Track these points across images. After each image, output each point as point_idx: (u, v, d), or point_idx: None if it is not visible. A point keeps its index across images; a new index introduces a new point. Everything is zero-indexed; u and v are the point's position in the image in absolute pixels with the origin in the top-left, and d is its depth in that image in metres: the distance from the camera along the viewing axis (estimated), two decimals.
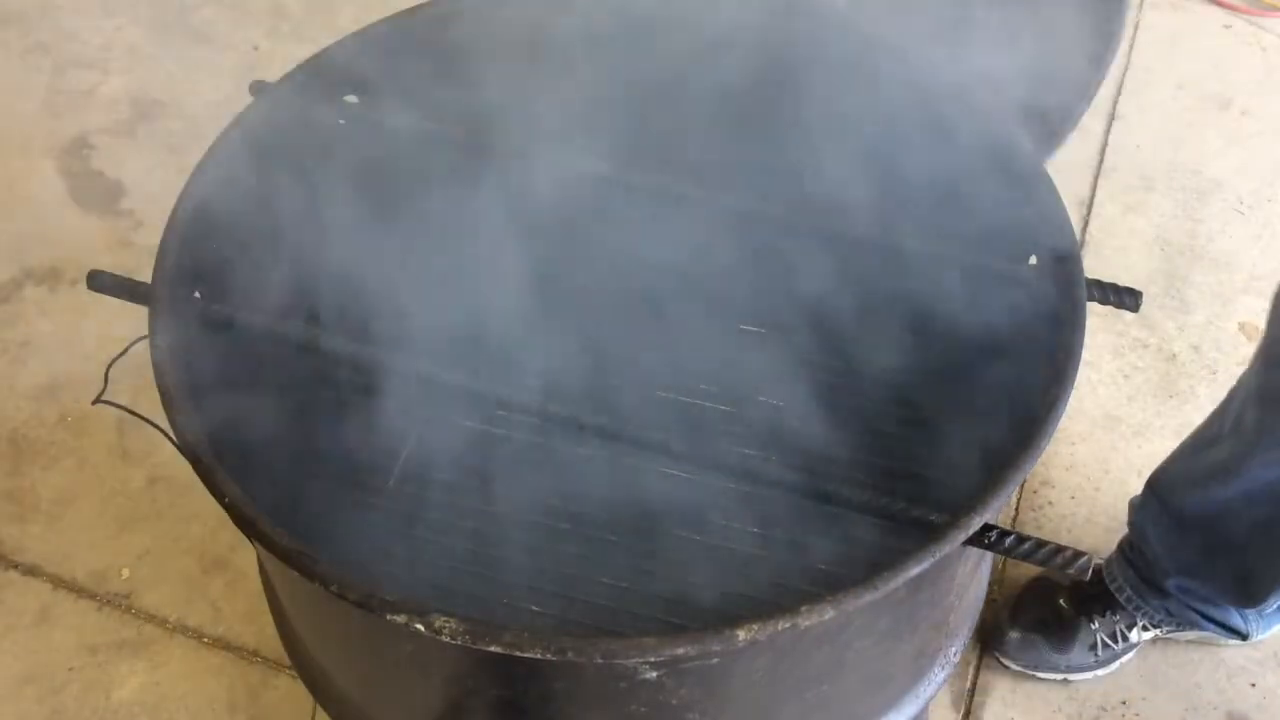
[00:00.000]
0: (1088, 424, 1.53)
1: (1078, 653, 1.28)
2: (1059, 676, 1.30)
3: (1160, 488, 1.19)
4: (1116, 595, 1.27)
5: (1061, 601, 1.30)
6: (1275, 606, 1.23)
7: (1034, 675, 1.30)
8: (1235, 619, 1.23)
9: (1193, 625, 1.26)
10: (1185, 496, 1.14)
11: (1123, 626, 1.27)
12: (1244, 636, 1.25)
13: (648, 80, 1.04)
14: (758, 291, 1.14)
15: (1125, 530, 1.30)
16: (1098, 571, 1.30)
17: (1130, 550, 1.25)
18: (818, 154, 0.99)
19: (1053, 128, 1.00)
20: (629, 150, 1.06)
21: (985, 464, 0.77)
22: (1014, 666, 1.30)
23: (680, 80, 1.03)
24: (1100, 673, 1.30)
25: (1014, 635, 1.29)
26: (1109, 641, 1.27)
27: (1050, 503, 1.46)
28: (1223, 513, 1.10)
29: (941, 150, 0.93)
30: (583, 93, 1.06)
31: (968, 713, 1.31)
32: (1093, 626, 1.27)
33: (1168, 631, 1.28)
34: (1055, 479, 1.48)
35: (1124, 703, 1.30)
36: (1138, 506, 1.23)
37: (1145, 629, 1.27)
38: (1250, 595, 1.19)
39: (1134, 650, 1.30)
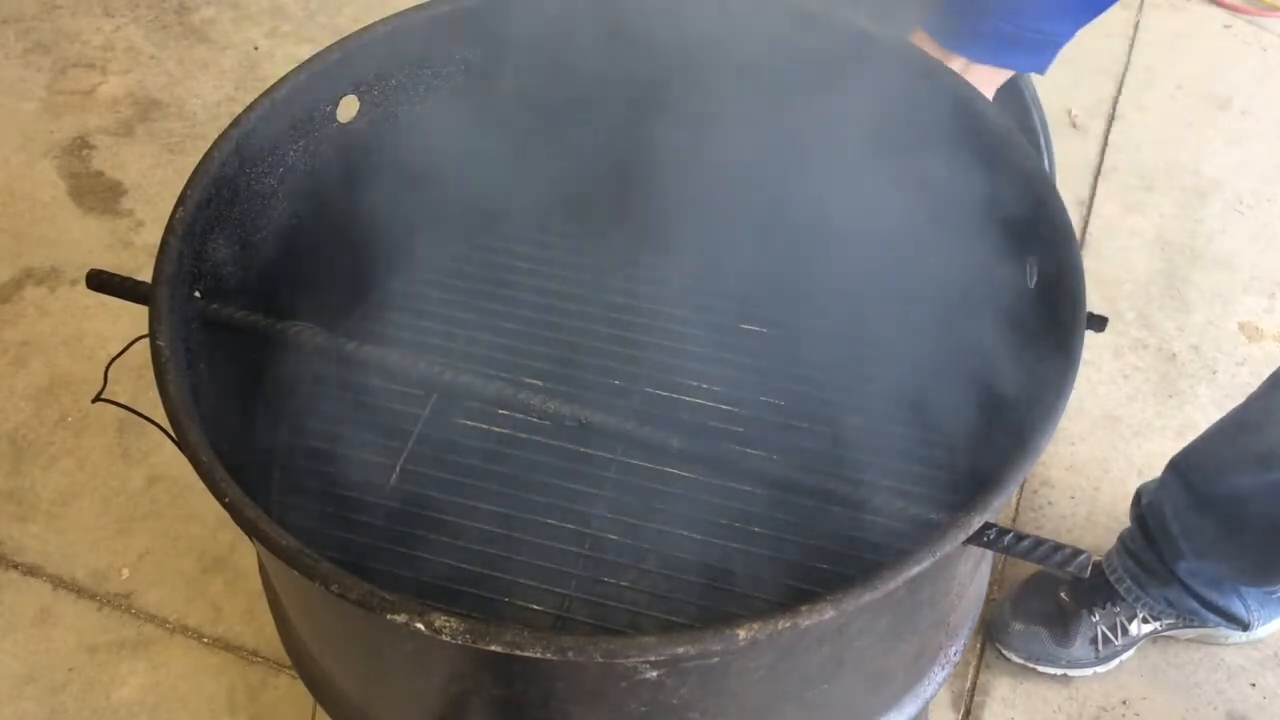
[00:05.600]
0: (1088, 424, 1.53)
1: (1079, 646, 1.28)
2: (1059, 671, 1.30)
3: (1185, 468, 1.19)
4: (1116, 586, 1.27)
5: (1062, 594, 1.30)
6: (1278, 596, 1.24)
7: (1034, 669, 1.30)
8: (1238, 606, 1.23)
9: (1193, 615, 1.26)
10: (1217, 479, 1.14)
11: (1123, 619, 1.27)
12: (1245, 626, 1.25)
13: (648, 77, 1.05)
14: (759, 290, 1.14)
15: (1125, 528, 1.30)
16: (1098, 566, 1.30)
17: (1131, 540, 1.26)
18: (818, 154, 0.99)
19: None
20: (631, 127, 1.06)
21: (985, 463, 0.77)
22: (1015, 658, 1.30)
23: (684, 68, 1.04)
24: (1100, 670, 1.30)
25: (1017, 626, 1.29)
26: (1109, 635, 1.27)
27: (1050, 503, 1.46)
28: (1256, 496, 1.10)
29: (944, 151, 0.93)
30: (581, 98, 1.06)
31: (968, 713, 1.31)
32: (1093, 619, 1.27)
33: (1167, 626, 1.28)
34: (1055, 479, 1.48)
35: (1124, 702, 1.30)
36: (1155, 488, 1.24)
37: (1145, 621, 1.27)
38: (1268, 576, 1.19)
39: (1134, 648, 1.30)
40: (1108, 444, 1.51)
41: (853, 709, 0.89)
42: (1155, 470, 1.26)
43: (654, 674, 0.69)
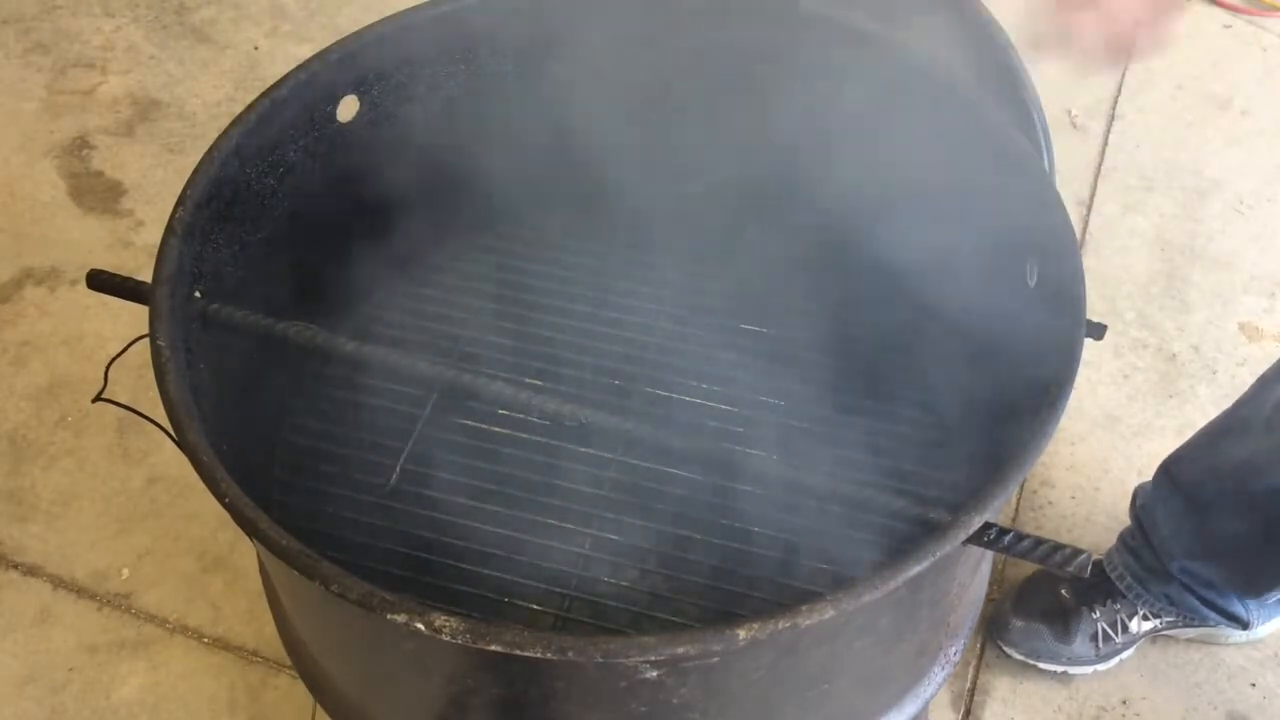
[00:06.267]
0: (1088, 424, 1.53)
1: (1079, 643, 1.28)
2: (1059, 668, 1.30)
3: (1176, 472, 1.19)
4: (1117, 583, 1.27)
5: (1063, 592, 1.30)
6: (1277, 599, 1.24)
7: (1035, 665, 1.30)
8: (1236, 606, 1.23)
9: (1193, 613, 1.26)
10: (1203, 484, 1.14)
11: (1123, 616, 1.27)
12: (1244, 625, 1.25)
13: (651, 78, 1.05)
14: (759, 291, 1.14)
15: (1125, 526, 1.30)
16: (1098, 564, 1.30)
17: (1132, 538, 1.26)
18: (816, 155, 0.99)
19: None
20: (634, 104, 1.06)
21: (985, 463, 0.77)
22: (1016, 655, 1.30)
23: (686, 70, 1.04)
24: (1100, 668, 1.30)
25: (1017, 623, 1.29)
26: (1110, 632, 1.27)
27: (1050, 502, 1.46)
28: (1239, 504, 1.10)
29: (944, 152, 0.93)
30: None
31: (968, 712, 1.31)
32: (1094, 616, 1.27)
33: (1167, 624, 1.28)
34: (1055, 479, 1.48)
35: (1124, 702, 1.30)
36: (1149, 490, 1.24)
37: (1146, 619, 1.27)
38: (1254, 586, 1.19)
39: (1134, 646, 1.30)
40: (1108, 444, 1.51)
41: (853, 709, 0.89)
42: (1155, 470, 1.26)
43: (654, 674, 0.69)
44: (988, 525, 0.71)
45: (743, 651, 0.69)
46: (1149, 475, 1.28)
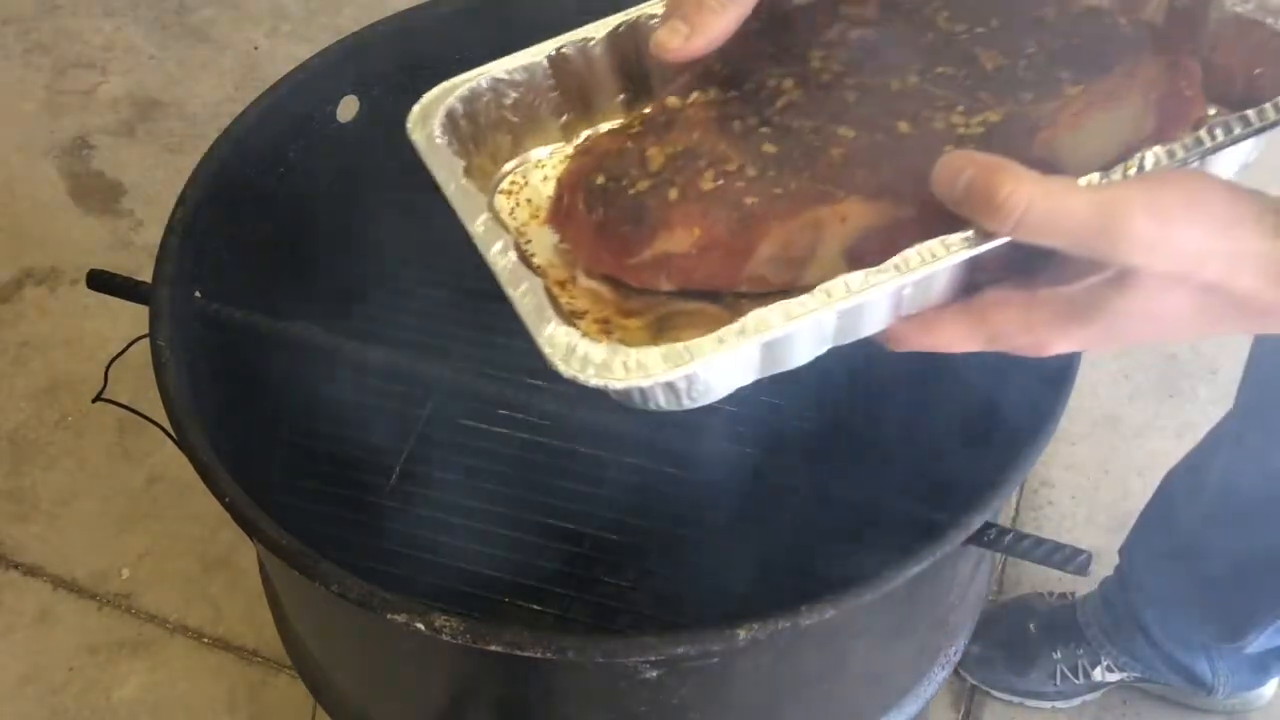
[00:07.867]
0: (1088, 424, 1.53)
1: (1035, 679, 1.26)
2: (1016, 700, 1.28)
3: (1158, 506, 1.16)
4: (1084, 629, 1.25)
5: (1031, 626, 1.28)
6: (1257, 647, 1.14)
7: (990, 694, 1.29)
8: (1202, 666, 1.20)
9: (1155, 672, 1.23)
10: (1179, 521, 1.11)
11: (1085, 662, 1.24)
12: (1209, 690, 1.21)
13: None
14: None
15: (1123, 531, 1.29)
16: (1070, 607, 1.28)
17: (1109, 584, 1.24)
18: None
19: None
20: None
21: (986, 463, 0.77)
22: (970, 680, 1.29)
23: None
24: (1061, 705, 1.27)
25: (974, 649, 1.27)
26: (1069, 674, 1.24)
27: (1050, 503, 1.46)
28: (1214, 543, 1.07)
29: None
30: None
31: (968, 713, 1.31)
32: (1054, 655, 1.25)
33: (1134, 679, 1.26)
34: (1055, 479, 1.48)
35: (1124, 702, 1.30)
36: (1130, 530, 1.21)
37: (1110, 670, 1.25)
38: (1233, 630, 1.13)
39: (1099, 692, 1.28)
40: (1108, 444, 1.51)
41: (853, 709, 0.89)
42: (1155, 470, 1.26)
43: (654, 674, 0.69)
44: (988, 525, 0.71)
45: (743, 651, 0.69)
46: (1149, 475, 1.28)
